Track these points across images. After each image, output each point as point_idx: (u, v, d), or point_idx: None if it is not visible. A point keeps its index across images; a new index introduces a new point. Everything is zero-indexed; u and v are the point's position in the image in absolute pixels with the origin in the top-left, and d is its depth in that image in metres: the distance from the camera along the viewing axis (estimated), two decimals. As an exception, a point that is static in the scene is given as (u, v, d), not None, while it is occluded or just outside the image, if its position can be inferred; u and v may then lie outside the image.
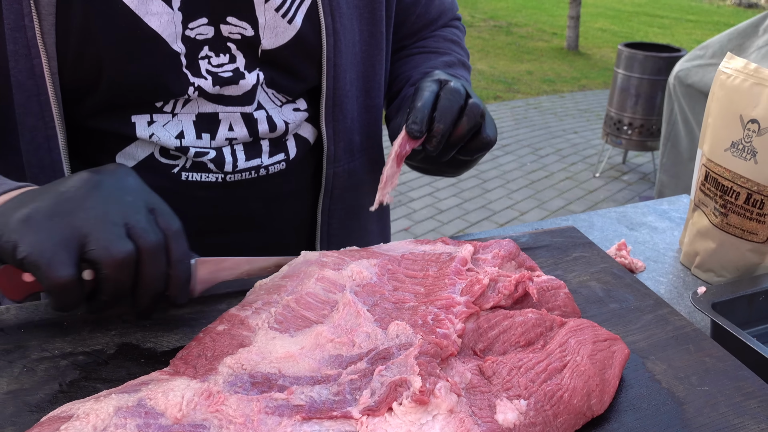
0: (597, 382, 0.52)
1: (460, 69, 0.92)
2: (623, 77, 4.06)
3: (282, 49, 0.75)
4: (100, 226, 0.52)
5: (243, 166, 0.78)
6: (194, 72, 0.72)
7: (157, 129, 0.73)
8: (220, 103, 0.75)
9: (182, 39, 0.70)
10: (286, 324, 0.54)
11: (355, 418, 0.46)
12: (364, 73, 0.84)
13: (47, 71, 0.66)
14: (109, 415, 0.44)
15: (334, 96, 0.80)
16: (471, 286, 0.57)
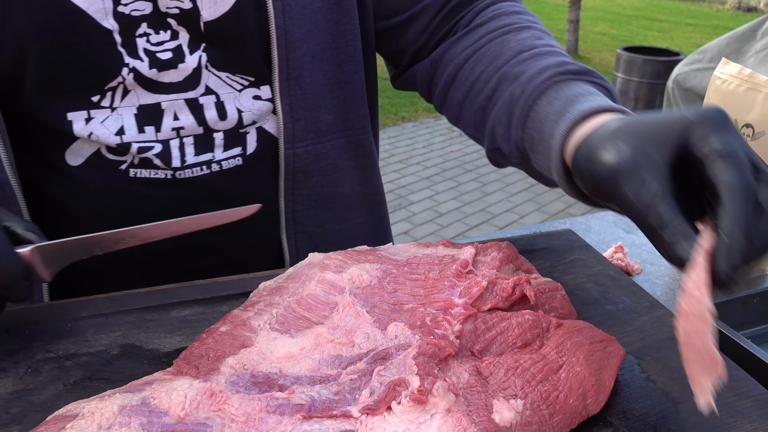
0: (592, 383, 0.53)
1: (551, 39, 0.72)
2: (622, 81, 4.08)
3: (225, 18, 0.69)
4: None
5: (192, 161, 0.73)
6: (130, 51, 0.68)
7: (95, 126, 0.70)
8: (162, 92, 0.71)
9: (114, 15, 0.66)
10: (287, 325, 0.55)
11: (354, 417, 0.46)
12: (331, 45, 0.76)
13: None
14: (114, 413, 0.44)
15: (289, 68, 0.73)
16: (469, 289, 0.58)
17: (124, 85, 0.69)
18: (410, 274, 0.61)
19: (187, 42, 0.70)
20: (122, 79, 0.68)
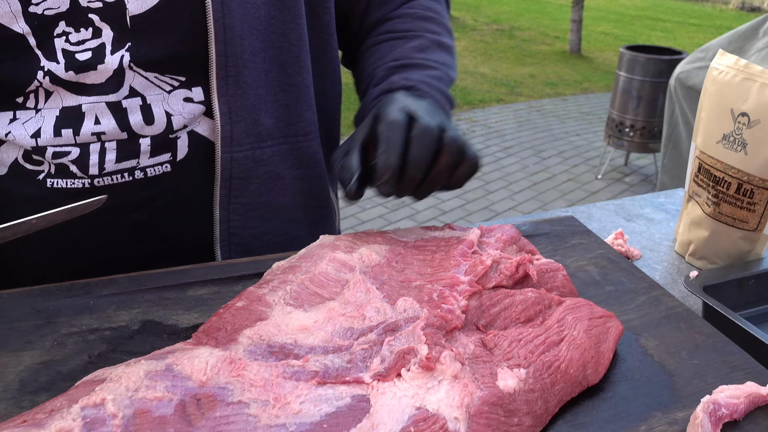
0: (592, 354, 0.55)
1: (436, 52, 0.81)
2: (625, 80, 4.09)
3: (154, 12, 0.65)
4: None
5: (112, 168, 0.69)
6: (47, 53, 0.65)
7: (15, 127, 0.67)
8: (83, 93, 0.67)
9: (25, 17, 0.63)
10: (300, 300, 0.58)
11: (366, 383, 0.49)
12: (274, 44, 0.73)
13: None
14: (140, 377, 0.47)
15: (227, 65, 0.70)
16: (474, 267, 0.61)
17: (43, 88, 0.66)
18: (418, 255, 0.64)
19: (110, 40, 0.66)
20: (38, 83, 0.65)
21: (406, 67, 0.78)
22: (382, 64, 0.80)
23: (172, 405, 0.46)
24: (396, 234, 0.68)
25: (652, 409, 0.52)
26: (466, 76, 7.06)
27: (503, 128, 5.52)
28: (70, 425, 0.43)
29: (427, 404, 0.47)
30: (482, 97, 6.38)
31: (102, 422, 0.43)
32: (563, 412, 0.52)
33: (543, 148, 5.09)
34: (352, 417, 0.46)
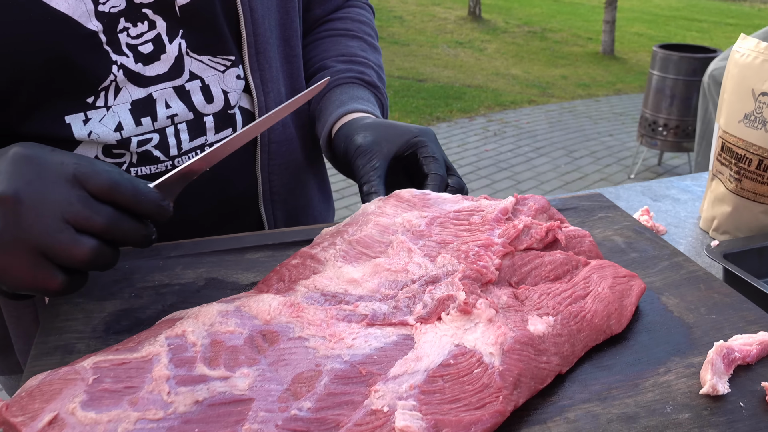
0: (616, 307, 0.60)
1: (373, 54, 0.95)
2: (658, 78, 4.08)
3: (197, 1, 0.74)
4: (48, 240, 0.53)
5: (188, 147, 0.77)
6: (115, 49, 0.70)
7: (94, 126, 0.72)
8: (151, 84, 0.74)
9: (97, 15, 0.68)
10: (348, 258, 0.64)
11: (410, 324, 0.55)
12: (281, 22, 0.84)
13: None
14: (214, 315, 0.54)
15: (256, 43, 0.79)
16: (507, 231, 0.66)
17: (116, 83, 0.72)
18: (455, 220, 0.70)
19: (165, 30, 0.72)
20: (114, 77, 0.71)
21: (353, 62, 0.91)
22: (330, 56, 0.92)
23: (242, 338, 0.52)
24: (435, 201, 0.74)
25: (670, 355, 0.57)
26: (498, 78, 7.08)
27: (535, 129, 5.53)
28: (158, 350, 0.50)
29: (464, 342, 0.53)
30: (513, 98, 6.40)
31: (184, 349, 0.50)
32: (588, 356, 0.57)
33: (575, 149, 5.09)
34: (399, 351, 0.53)
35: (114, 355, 0.50)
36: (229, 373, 0.49)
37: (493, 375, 0.50)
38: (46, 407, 0.45)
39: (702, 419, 0.50)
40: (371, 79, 0.91)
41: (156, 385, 0.47)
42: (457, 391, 0.49)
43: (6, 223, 0.52)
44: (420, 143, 0.77)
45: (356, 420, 0.46)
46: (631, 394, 0.53)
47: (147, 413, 0.45)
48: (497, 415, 0.48)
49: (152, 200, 0.58)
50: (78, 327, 0.60)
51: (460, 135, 5.29)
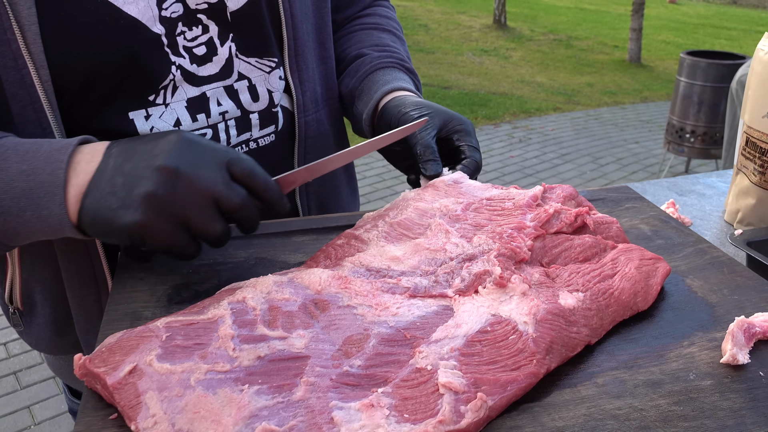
0: (642, 286, 0.64)
1: (402, 46, 1.02)
2: (686, 85, 4.07)
3: (246, 7, 0.80)
4: (194, 212, 0.61)
5: (235, 142, 0.84)
6: (174, 51, 0.77)
7: (155, 121, 0.78)
8: (203, 84, 0.80)
9: (160, 20, 0.75)
10: (390, 238, 0.69)
11: (449, 296, 0.60)
12: (316, 26, 0.91)
13: (37, 80, 0.69)
14: (270, 285, 0.59)
15: (296, 46, 0.86)
16: (539, 215, 0.71)
17: (173, 82, 0.78)
18: (489, 206, 0.74)
19: (216, 34, 0.79)
20: (172, 77, 0.77)
21: (390, 52, 0.97)
22: (366, 45, 0.98)
23: (297, 305, 0.57)
24: (468, 188, 0.78)
25: (694, 330, 0.61)
26: (523, 85, 7.10)
27: (560, 136, 5.54)
28: (222, 313, 0.55)
29: (500, 312, 0.57)
30: (539, 105, 6.41)
31: (245, 312, 0.56)
32: (616, 330, 0.61)
33: (600, 155, 5.08)
34: (440, 319, 0.57)
35: (183, 316, 0.56)
36: (286, 333, 0.54)
37: (528, 341, 0.54)
38: (126, 359, 0.51)
39: (723, 386, 0.54)
40: (409, 65, 0.98)
41: (222, 342, 0.52)
42: (494, 355, 0.53)
43: (165, 191, 0.60)
44: (463, 130, 0.83)
45: (403, 376, 0.51)
46: (656, 363, 0.57)
47: (215, 366, 0.50)
48: (531, 377, 0.52)
49: (277, 192, 0.67)
50: (144, 297, 0.66)
51: (486, 141, 5.32)
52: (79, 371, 0.52)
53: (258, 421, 0.46)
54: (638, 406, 0.52)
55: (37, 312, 0.87)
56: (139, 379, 0.49)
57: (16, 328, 0.91)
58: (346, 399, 0.48)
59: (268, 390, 0.49)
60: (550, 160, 4.94)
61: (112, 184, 0.61)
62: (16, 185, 0.63)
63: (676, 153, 4.27)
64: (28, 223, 0.64)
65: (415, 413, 0.48)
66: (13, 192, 0.63)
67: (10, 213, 0.63)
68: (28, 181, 0.63)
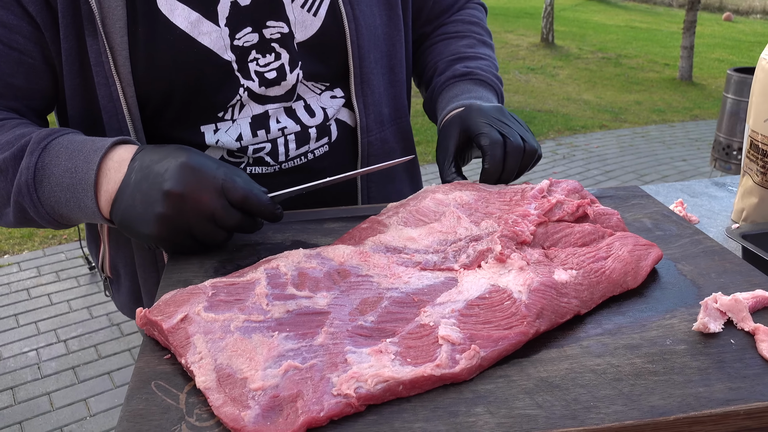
0: (632, 267, 0.71)
1: (482, 47, 1.06)
2: (732, 102, 4.04)
3: (312, 39, 0.89)
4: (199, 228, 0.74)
5: (294, 155, 0.93)
6: (244, 75, 0.87)
7: (221, 135, 0.89)
8: (268, 102, 0.90)
9: (231, 49, 0.85)
10: (408, 223, 0.78)
11: (455, 270, 0.68)
12: (387, 53, 0.98)
13: (122, 96, 0.82)
14: (300, 256, 0.69)
15: (362, 74, 0.94)
16: (542, 205, 0.78)
17: (240, 102, 0.89)
18: (498, 197, 0.82)
19: (287, 61, 0.88)
20: (239, 98, 0.88)
21: (462, 59, 1.03)
22: (442, 58, 1.04)
23: (322, 272, 0.67)
24: (483, 185, 0.87)
25: (678, 306, 0.67)
26: (569, 103, 7.10)
27: (605, 153, 5.52)
28: (258, 276, 0.65)
29: (499, 283, 0.65)
30: (584, 123, 6.39)
31: (278, 276, 0.65)
32: (606, 304, 0.68)
33: (646, 173, 5.05)
34: (445, 287, 0.66)
35: (226, 278, 0.66)
36: (311, 294, 0.63)
37: (520, 306, 0.62)
38: (178, 309, 0.61)
39: (695, 350, 0.60)
40: (467, 69, 1.02)
41: (258, 298, 0.62)
42: (490, 316, 0.61)
43: (173, 212, 0.73)
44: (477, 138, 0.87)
45: (408, 330, 0.59)
46: (638, 331, 0.64)
47: (251, 316, 0.60)
48: (521, 335, 0.60)
49: (270, 210, 0.77)
50: (194, 269, 0.76)
51: (529, 158, 5.34)
52: (140, 321, 0.63)
53: (284, 359, 0.55)
54: (615, 363, 0.59)
55: (121, 282, 1.01)
56: (189, 324, 0.59)
57: (107, 293, 1.08)
58: (359, 345, 0.57)
59: (294, 336, 0.58)
60: (593, 177, 4.94)
61: (133, 198, 0.74)
62: (63, 180, 0.77)
63: (723, 170, 4.22)
64: (73, 212, 0.79)
65: (417, 358, 0.56)
66: (61, 185, 0.78)
67: (59, 202, 0.78)
68: (71, 177, 0.77)
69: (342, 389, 0.52)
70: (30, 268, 3.60)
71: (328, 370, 0.54)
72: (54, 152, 0.78)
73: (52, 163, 0.77)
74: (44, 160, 0.77)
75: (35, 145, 0.78)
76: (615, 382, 0.56)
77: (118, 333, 3.02)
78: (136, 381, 0.56)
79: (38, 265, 3.63)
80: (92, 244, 1.04)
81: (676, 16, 13.60)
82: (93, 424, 2.48)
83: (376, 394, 0.53)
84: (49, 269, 3.59)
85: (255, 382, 0.53)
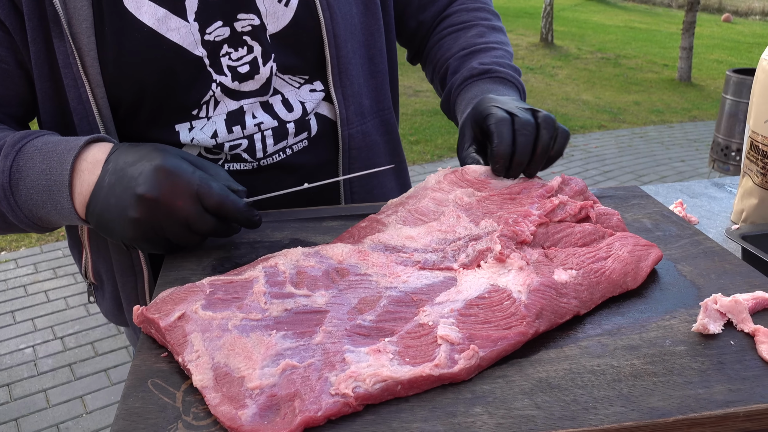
0: (632, 268, 0.71)
1: (492, 34, 1.01)
2: (731, 103, 4.04)
3: (285, 30, 0.87)
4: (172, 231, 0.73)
5: (272, 150, 0.90)
6: (216, 70, 0.85)
7: (196, 133, 0.87)
8: (242, 98, 0.88)
9: (202, 44, 0.83)
10: (407, 222, 0.77)
11: (454, 269, 0.68)
12: (364, 42, 0.95)
13: (92, 98, 0.81)
14: (299, 254, 0.69)
15: (339, 64, 0.91)
16: (545, 205, 0.78)
17: (214, 98, 0.86)
18: (503, 196, 0.80)
19: (260, 53, 0.85)
20: (213, 93, 0.86)
21: (475, 53, 0.98)
22: (452, 54, 1.00)
23: (321, 271, 0.67)
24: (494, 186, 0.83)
25: (677, 307, 0.67)
26: (567, 103, 7.10)
27: (603, 153, 5.52)
28: (257, 274, 0.65)
29: (498, 283, 0.65)
30: (583, 123, 6.39)
31: (276, 274, 0.65)
32: (606, 305, 0.68)
33: (644, 173, 5.05)
34: (444, 286, 0.65)
35: (225, 276, 0.65)
36: (310, 292, 0.63)
37: (519, 306, 0.62)
38: (176, 307, 0.61)
39: (695, 350, 0.60)
40: (484, 67, 0.97)
41: (256, 297, 0.62)
42: (489, 316, 0.61)
43: (147, 217, 0.71)
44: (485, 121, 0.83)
45: (407, 329, 0.59)
46: (637, 332, 0.63)
47: (249, 315, 0.60)
48: (520, 335, 0.60)
49: (246, 216, 0.76)
50: (192, 267, 0.76)
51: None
52: (137, 319, 0.62)
53: (282, 358, 0.55)
54: (615, 364, 0.58)
55: (105, 288, 0.99)
56: (186, 323, 0.59)
57: (91, 298, 1.05)
58: (357, 345, 0.57)
59: (293, 335, 0.58)
60: (591, 177, 4.94)
61: (107, 203, 0.73)
62: (39, 182, 0.76)
63: (721, 171, 4.22)
64: (51, 214, 0.78)
65: (415, 358, 0.56)
66: (37, 187, 0.76)
67: (37, 205, 0.77)
68: (46, 179, 0.76)
69: (340, 389, 0.52)
70: (27, 265, 3.59)
71: (326, 369, 0.54)
72: (29, 155, 0.77)
73: (27, 165, 0.76)
74: (19, 163, 0.76)
75: (9, 149, 0.77)
76: (614, 383, 0.56)
77: (114, 330, 3.02)
78: (132, 379, 0.56)
79: (35, 262, 3.62)
80: (74, 250, 1.02)
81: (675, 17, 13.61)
82: (89, 421, 2.48)
83: (374, 393, 0.52)
84: (46, 266, 3.58)
85: (252, 381, 0.52)
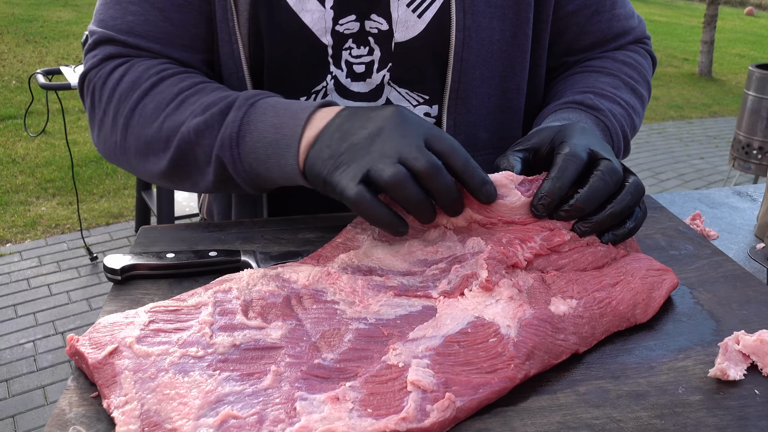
0: (643, 297, 0.62)
1: (627, 93, 0.87)
2: (754, 99, 3.89)
3: (412, 41, 0.82)
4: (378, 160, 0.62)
5: None
6: (335, 62, 0.83)
7: None
8: (351, 99, 0.85)
9: (331, 33, 0.82)
10: (386, 238, 0.69)
11: (434, 297, 0.59)
12: (501, 73, 0.86)
13: (243, 54, 0.82)
14: (258, 278, 0.60)
15: (458, 89, 0.84)
16: (551, 238, 0.65)
17: (325, 90, 0.85)
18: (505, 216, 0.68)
19: (378, 59, 0.84)
20: (326, 84, 0.84)
21: (596, 94, 0.84)
22: (573, 88, 0.87)
23: (281, 297, 0.58)
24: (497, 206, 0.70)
25: (693, 344, 0.58)
26: (584, 97, 6.94)
27: (620, 149, 5.38)
28: (206, 300, 0.57)
29: (484, 315, 0.56)
30: (600, 118, 6.25)
31: (228, 301, 0.57)
32: (611, 339, 0.59)
33: (661, 170, 4.91)
34: (421, 318, 0.57)
35: (169, 302, 0.57)
36: (264, 324, 0.55)
37: (507, 345, 0.53)
38: (111, 340, 0.53)
39: (713, 401, 0.51)
40: (592, 102, 0.83)
41: (201, 328, 0.54)
42: (471, 356, 0.52)
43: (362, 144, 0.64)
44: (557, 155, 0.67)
45: (373, 372, 0.51)
46: (645, 375, 0.54)
47: (190, 351, 0.51)
48: (506, 381, 0.51)
49: (479, 176, 0.62)
50: (146, 285, 0.68)
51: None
52: (69, 350, 0.55)
53: (223, 406, 0.47)
54: (617, 417, 0.50)
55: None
56: (117, 359, 0.51)
57: None
58: (313, 390, 0.49)
59: (238, 377, 0.49)
60: (607, 174, 4.81)
61: (330, 138, 0.67)
62: (267, 136, 0.72)
63: (742, 170, 4.08)
64: (271, 170, 0.73)
65: (379, 408, 0.47)
66: (264, 141, 0.72)
67: (259, 160, 0.73)
68: (275, 133, 0.72)
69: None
70: (31, 258, 3.55)
71: (272, 423, 0.46)
72: (261, 110, 0.75)
73: (258, 119, 0.74)
74: (250, 116, 0.74)
75: (243, 101, 0.75)
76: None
77: (115, 327, 2.96)
78: (51, 427, 0.48)
79: (40, 255, 3.58)
80: None
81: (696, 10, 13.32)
82: (85, 421, 2.43)
83: (327, 454, 0.44)
84: (51, 259, 3.54)
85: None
